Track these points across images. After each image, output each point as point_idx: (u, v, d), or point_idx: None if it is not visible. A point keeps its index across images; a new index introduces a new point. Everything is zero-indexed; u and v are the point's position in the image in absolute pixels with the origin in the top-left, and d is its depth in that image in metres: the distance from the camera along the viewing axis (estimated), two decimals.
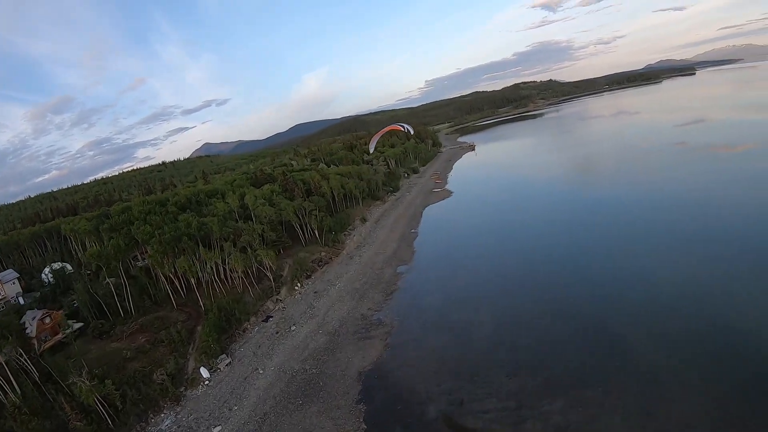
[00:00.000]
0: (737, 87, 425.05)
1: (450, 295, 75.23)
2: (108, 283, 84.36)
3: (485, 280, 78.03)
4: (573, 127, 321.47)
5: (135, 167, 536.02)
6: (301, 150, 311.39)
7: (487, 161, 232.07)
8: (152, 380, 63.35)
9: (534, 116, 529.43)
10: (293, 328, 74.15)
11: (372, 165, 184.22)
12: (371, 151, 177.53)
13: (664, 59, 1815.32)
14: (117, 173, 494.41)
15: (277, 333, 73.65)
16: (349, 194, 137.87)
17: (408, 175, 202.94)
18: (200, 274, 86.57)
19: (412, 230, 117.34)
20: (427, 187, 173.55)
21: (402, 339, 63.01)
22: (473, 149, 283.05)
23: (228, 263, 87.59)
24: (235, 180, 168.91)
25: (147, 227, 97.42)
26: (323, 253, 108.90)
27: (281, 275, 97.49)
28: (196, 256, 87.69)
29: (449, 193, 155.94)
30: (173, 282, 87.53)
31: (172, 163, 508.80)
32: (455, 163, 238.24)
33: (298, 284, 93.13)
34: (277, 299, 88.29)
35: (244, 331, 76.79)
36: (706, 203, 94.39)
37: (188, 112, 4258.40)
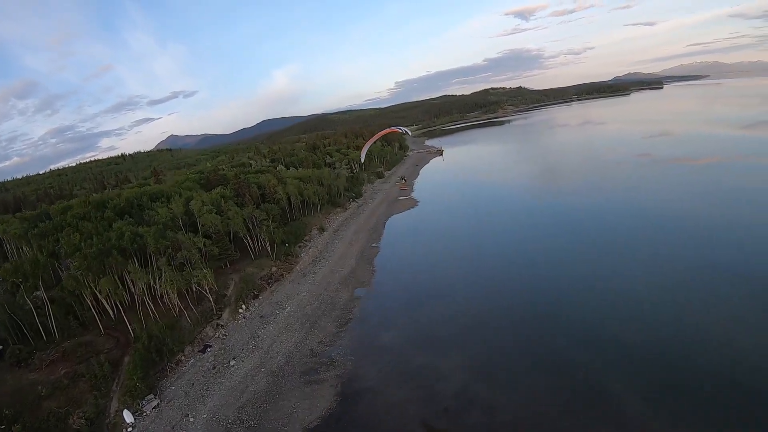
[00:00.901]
0: (703, 102, 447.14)
1: (413, 330, 67.23)
2: (27, 302, 73.24)
3: (454, 311, 70.47)
4: (541, 136, 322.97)
5: (97, 157, 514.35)
6: (263, 148, 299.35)
7: (455, 167, 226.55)
8: (68, 425, 53.71)
9: (502, 122, 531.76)
10: (232, 363, 65.29)
11: (334, 168, 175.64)
12: (362, 159, 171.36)
13: (632, 72, 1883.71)
14: (76, 164, 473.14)
15: (214, 368, 64.49)
16: (307, 201, 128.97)
17: (372, 180, 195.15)
18: (132, 293, 76.75)
19: (373, 244, 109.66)
20: (392, 194, 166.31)
21: (356, 387, 54.87)
22: (441, 154, 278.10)
23: (161, 283, 77.70)
24: (186, 179, 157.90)
25: (76, 236, 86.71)
26: (274, 269, 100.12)
27: (225, 295, 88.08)
28: (127, 272, 77.58)
29: (415, 203, 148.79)
30: (101, 302, 77.18)
31: (132, 156, 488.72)
32: (422, 168, 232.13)
33: (243, 306, 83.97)
34: (218, 324, 78.87)
35: (177, 364, 67.09)
36: (668, 217, 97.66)
37: (155, 102, 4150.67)
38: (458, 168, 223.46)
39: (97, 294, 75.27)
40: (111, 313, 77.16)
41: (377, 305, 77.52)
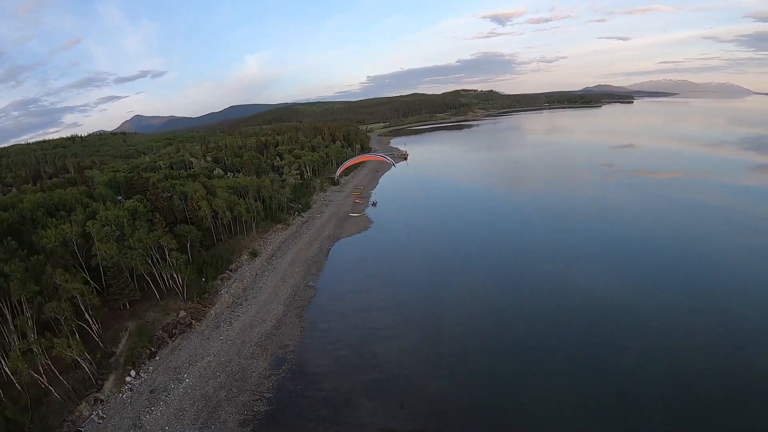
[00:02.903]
0: (672, 119, 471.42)
1: None
2: None
3: (411, 412, 51.02)
4: (512, 144, 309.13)
5: (59, 134, 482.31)
6: (213, 141, 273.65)
7: (419, 175, 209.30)
8: None
9: (471, 126, 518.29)
10: None
11: (281, 174, 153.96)
12: (336, 177, 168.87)
13: (602, 84, 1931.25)
14: (25, 143, 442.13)
15: None
16: (239, 217, 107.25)
17: (325, 187, 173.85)
18: None
19: (310, 283, 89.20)
20: (344, 208, 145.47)
21: None
22: (405, 159, 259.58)
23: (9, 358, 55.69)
24: (112, 179, 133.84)
25: None
26: (183, 313, 78.84)
27: (113, 353, 67.11)
28: None
29: (368, 223, 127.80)
30: None
31: (81, 138, 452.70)
32: (382, 176, 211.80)
33: (133, 372, 63.05)
34: (96, 399, 57.78)
35: None
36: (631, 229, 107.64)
37: (122, 80, 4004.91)
38: (422, 176, 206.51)
39: None
40: None
41: (299, 388, 57.17)
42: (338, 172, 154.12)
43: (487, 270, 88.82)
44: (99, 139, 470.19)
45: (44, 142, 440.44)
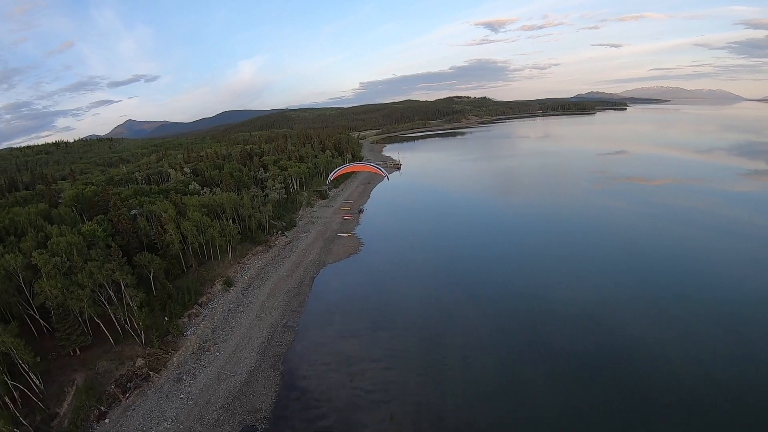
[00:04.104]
0: (666, 126, 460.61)
1: None
2: None
3: None
4: (510, 154, 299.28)
5: (52, 138, 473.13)
6: (197, 150, 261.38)
7: (413, 188, 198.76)
8: None
9: (464, 134, 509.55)
10: None
11: (264, 189, 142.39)
12: (328, 182, 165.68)
13: (594, 91, 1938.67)
14: (19, 146, 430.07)
15: None
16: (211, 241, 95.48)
17: (313, 202, 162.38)
18: None
19: (289, 323, 77.44)
20: (332, 226, 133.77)
21: None
22: (398, 168, 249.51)
23: None
24: (78, 194, 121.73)
25: None
26: (141, 361, 67.43)
27: (56, 413, 56.19)
28: None
29: (358, 244, 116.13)
30: None
31: (66, 144, 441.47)
32: (374, 188, 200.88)
33: None
34: None
35: None
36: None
37: (115, 84, 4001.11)
38: (416, 189, 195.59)
39: None
40: None
41: None
42: (331, 177, 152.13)
43: (493, 301, 78.45)
44: (84, 145, 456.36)
45: (27, 147, 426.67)
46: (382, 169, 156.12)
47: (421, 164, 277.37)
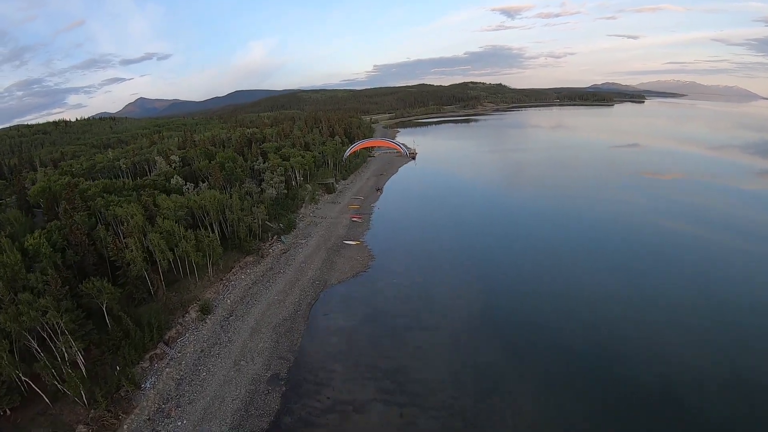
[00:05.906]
0: (685, 120, 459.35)
1: None
2: None
3: None
4: (533, 144, 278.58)
5: (64, 115, 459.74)
6: (200, 132, 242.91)
7: (431, 180, 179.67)
8: None
9: (478, 120, 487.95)
10: None
11: (261, 183, 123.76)
12: (344, 157, 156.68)
13: (609, 82, 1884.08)
14: (13, 126, 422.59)
15: None
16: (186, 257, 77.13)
17: (317, 197, 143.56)
18: None
19: (276, 375, 59.16)
20: (338, 230, 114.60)
21: None
22: (414, 158, 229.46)
23: None
24: (45, 188, 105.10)
25: None
26: (83, 429, 49.94)
27: None
28: None
29: (369, 257, 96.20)
30: None
31: (66, 123, 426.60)
32: (388, 180, 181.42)
33: None
34: None
35: None
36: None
37: (127, 62, 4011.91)
38: (434, 182, 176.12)
39: None
40: None
41: None
42: (347, 152, 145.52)
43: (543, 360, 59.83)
44: (85, 124, 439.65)
45: (25, 127, 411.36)
46: (403, 147, 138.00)
47: (439, 152, 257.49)
